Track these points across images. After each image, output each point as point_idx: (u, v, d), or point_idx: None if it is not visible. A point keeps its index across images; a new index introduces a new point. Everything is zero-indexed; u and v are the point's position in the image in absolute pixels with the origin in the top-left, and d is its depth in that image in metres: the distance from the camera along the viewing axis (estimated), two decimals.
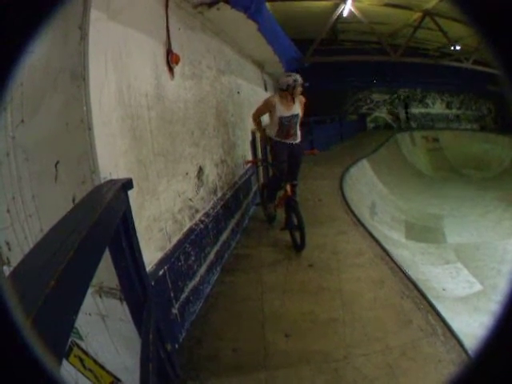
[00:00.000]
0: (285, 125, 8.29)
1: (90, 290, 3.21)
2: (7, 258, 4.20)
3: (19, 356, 0.74)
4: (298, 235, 7.47)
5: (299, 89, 8.14)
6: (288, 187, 8.03)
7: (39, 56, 3.40)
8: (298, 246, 7.43)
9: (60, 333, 1.35)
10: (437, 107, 27.83)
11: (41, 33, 0.76)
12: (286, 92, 8.12)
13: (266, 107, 8.38)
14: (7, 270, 4.15)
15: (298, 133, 8.66)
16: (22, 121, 3.55)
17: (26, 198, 3.70)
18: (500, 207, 14.43)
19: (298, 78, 8.08)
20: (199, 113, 6.29)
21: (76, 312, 1.53)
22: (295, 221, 7.58)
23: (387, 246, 7.73)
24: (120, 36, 3.91)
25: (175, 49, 5.10)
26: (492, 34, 0.69)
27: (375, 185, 16.15)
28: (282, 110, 8.21)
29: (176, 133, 5.23)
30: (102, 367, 3.96)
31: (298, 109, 8.40)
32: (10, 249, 4.12)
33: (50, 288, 1.21)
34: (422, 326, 4.79)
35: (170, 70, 5.11)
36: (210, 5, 5.92)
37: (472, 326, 5.65)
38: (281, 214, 8.40)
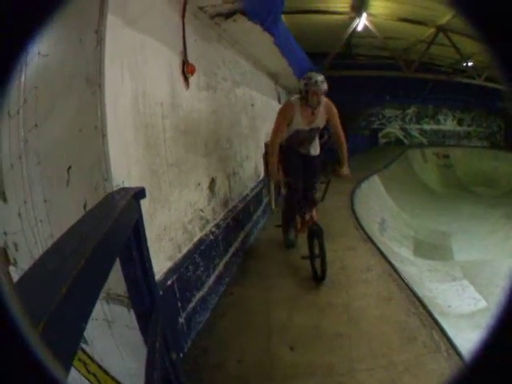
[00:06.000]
0: (299, 138, 7.13)
1: None
2: (14, 259, 4.20)
3: (27, 363, 0.72)
4: (318, 265, 6.58)
5: (316, 97, 6.55)
6: (314, 212, 7.23)
7: (54, 59, 3.41)
8: (318, 278, 6.57)
9: (70, 340, 1.33)
10: (448, 124, 27.90)
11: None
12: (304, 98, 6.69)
13: (285, 117, 6.92)
14: (14, 271, 4.17)
15: (316, 145, 7.60)
16: (36, 125, 3.55)
17: (37, 201, 3.70)
18: (508, 225, 14.46)
19: (315, 78, 6.54)
20: (213, 124, 6.30)
21: (86, 320, 1.51)
22: (317, 249, 6.68)
23: (395, 263, 7.71)
24: (136, 43, 3.91)
25: (191, 59, 5.12)
26: (499, 49, 0.68)
27: (385, 201, 16.16)
28: (299, 122, 6.90)
29: (189, 143, 5.24)
30: (106, 372, 3.96)
31: (320, 121, 7.01)
32: (17, 249, 4.13)
33: (61, 295, 1.19)
34: (426, 342, 4.78)
35: (186, 80, 5.12)
36: (227, 16, 5.92)
37: (474, 342, 5.66)
38: (302, 240, 7.76)
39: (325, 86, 6.65)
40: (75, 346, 1.44)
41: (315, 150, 7.64)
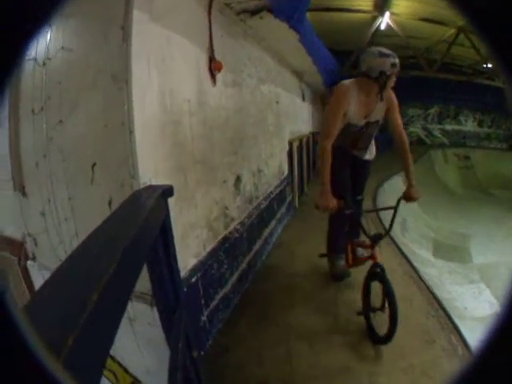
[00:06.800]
0: (352, 134, 5.49)
1: None
2: (33, 254, 4.22)
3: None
4: (380, 320, 4.85)
5: (393, 80, 5.12)
6: (376, 249, 5.16)
7: (79, 54, 3.42)
8: (381, 338, 4.76)
9: (101, 352, 1.26)
10: (469, 125, 27.76)
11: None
12: (373, 83, 5.12)
13: (339, 108, 5.20)
14: (32, 265, 4.20)
15: (372, 147, 6.04)
16: (61, 121, 3.54)
17: (61, 199, 3.70)
18: None
19: (392, 54, 4.99)
20: (239, 121, 6.29)
21: (116, 328, 1.44)
22: (379, 300, 4.85)
23: (416, 264, 7.71)
24: (163, 39, 3.91)
25: (217, 56, 5.10)
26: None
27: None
28: (355, 114, 5.29)
29: (216, 140, 5.23)
30: (125, 370, 3.97)
31: (379, 112, 5.45)
32: (36, 244, 4.14)
33: (93, 302, 1.12)
34: (444, 345, 4.80)
35: (212, 76, 5.12)
36: (253, 13, 5.90)
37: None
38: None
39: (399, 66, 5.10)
40: (105, 357, 1.37)
41: (371, 152, 6.07)
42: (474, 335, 5.53)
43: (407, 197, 5.21)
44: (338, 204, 4.98)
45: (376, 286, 4.93)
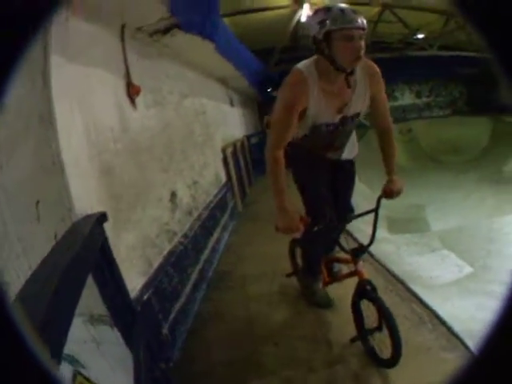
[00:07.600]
0: (323, 136, 4.21)
1: (82, 319, 3.37)
2: None
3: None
4: (379, 341, 4.25)
5: (356, 45, 3.47)
6: (361, 263, 4.40)
7: (13, 101, 3.58)
8: (386, 361, 4.09)
9: (52, 355, 1.53)
10: (406, 98, 27.90)
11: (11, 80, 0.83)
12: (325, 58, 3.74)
13: (292, 107, 3.77)
14: None
15: (353, 142, 4.88)
16: (1, 166, 3.71)
17: (12, 240, 3.85)
18: (482, 187, 14.70)
19: (341, 8, 3.53)
20: (165, 139, 6.40)
21: (64, 338, 1.71)
22: (373, 319, 4.27)
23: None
24: (82, 76, 4.08)
25: (135, 80, 5.24)
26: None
27: (355, 185, 16.02)
28: (322, 111, 3.93)
29: (144, 162, 5.36)
30: None
31: (359, 99, 4.02)
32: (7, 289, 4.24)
33: (40, 317, 1.41)
34: (407, 315, 4.91)
35: (132, 101, 5.23)
36: (164, 32, 6.02)
37: (468, 309, 5.62)
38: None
39: (365, 23, 3.50)
40: (58, 358, 1.64)
41: (351, 149, 4.84)
42: (449, 301, 5.72)
43: (388, 193, 4.29)
44: (303, 221, 3.99)
45: (366, 305, 4.36)
